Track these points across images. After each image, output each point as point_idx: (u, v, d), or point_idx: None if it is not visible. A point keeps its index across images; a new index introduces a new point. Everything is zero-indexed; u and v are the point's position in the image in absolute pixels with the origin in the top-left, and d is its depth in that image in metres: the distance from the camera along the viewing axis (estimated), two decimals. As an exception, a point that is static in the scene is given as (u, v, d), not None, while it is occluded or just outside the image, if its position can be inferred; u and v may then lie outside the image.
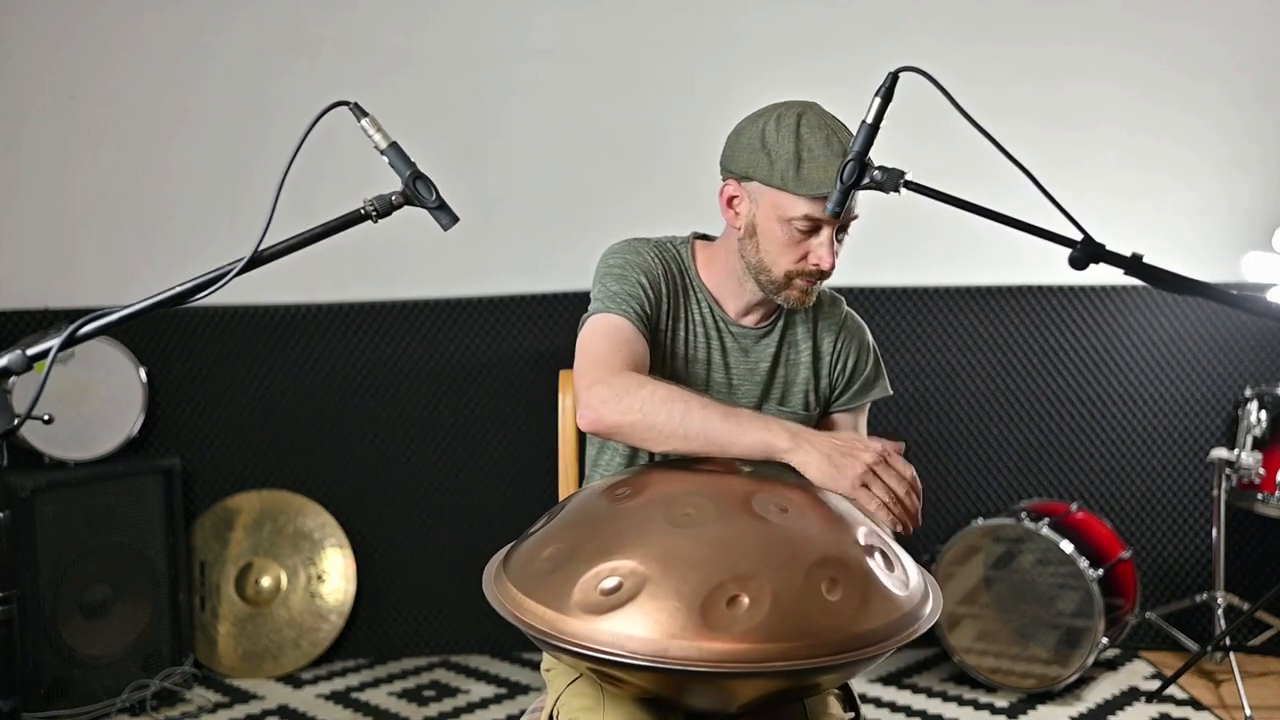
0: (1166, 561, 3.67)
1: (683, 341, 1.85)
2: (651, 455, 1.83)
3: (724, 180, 1.81)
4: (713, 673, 1.29)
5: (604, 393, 1.61)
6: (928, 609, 1.45)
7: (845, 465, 1.55)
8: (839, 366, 1.92)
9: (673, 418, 1.58)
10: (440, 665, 3.66)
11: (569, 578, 1.37)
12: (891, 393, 1.98)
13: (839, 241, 1.76)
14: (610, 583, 1.35)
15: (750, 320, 1.88)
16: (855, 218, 1.76)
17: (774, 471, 1.59)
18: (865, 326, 1.97)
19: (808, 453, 1.57)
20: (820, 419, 1.94)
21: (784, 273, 1.77)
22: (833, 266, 1.75)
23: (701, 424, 1.58)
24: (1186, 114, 3.61)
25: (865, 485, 1.55)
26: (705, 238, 1.92)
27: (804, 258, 1.75)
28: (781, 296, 1.80)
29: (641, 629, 1.30)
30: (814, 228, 1.73)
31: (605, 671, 1.38)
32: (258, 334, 3.65)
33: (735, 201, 1.80)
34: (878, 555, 1.45)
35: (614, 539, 1.41)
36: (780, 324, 1.89)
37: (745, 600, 1.31)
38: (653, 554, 1.36)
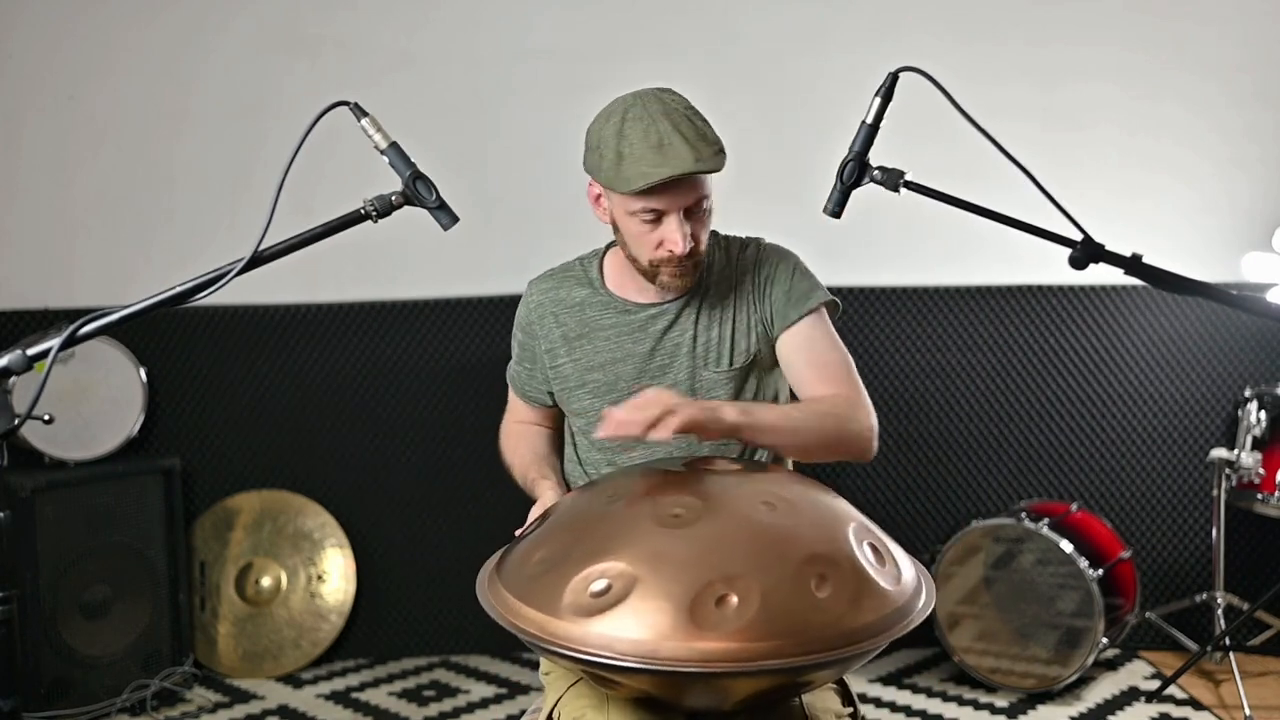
0: (1166, 561, 3.67)
1: (596, 351, 1.90)
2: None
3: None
4: (703, 672, 1.29)
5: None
6: (920, 603, 1.45)
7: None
8: (764, 296, 1.88)
9: (517, 477, 1.98)
10: (440, 665, 3.66)
11: (559, 581, 1.38)
12: (833, 298, 1.89)
13: (694, 220, 1.76)
14: (600, 585, 1.35)
15: (668, 298, 1.88)
16: (705, 195, 1.76)
17: (761, 469, 1.59)
18: (782, 249, 1.93)
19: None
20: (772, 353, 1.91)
21: (648, 260, 1.80)
22: (691, 248, 1.75)
23: (521, 483, 1.96)
24: (1186, 114, 3.61)
25: None
26: None
27: (660, 245, 1.77)
28: (658, 284, 1.83)
29: (632, 630, 1.30)
30: (657, 215, 1.74)
31: (598, 674, 1.38)
32: (258, 334, 3.65)
33: (600, 199, 1.84)
34: (868, 550, 1.45)
35: (603, 541, 1.41)
36: (697, 290, 1.88)
37: (734, 599, 1.31)
38: (642, 555, 1.37)
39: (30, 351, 1.43)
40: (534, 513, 1.74)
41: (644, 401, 1.59)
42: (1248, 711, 3.00)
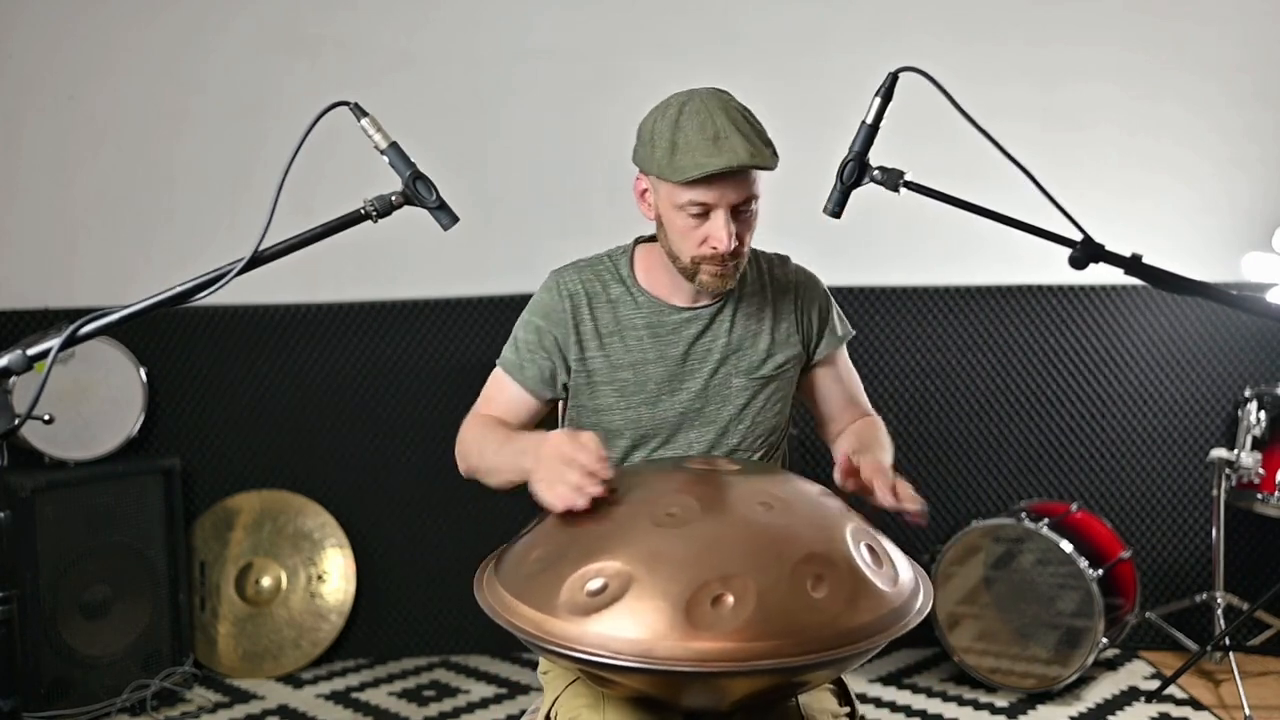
0: (1166, 561, 3.67)
1: (627, 350, 1.87)
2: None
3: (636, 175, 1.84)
4: (699, 672, 1.29)
5: (457, 450, 1.93)
6: (918, 604, 1.45)
7: (554, 488, 1.53)
8: (810, 323, 1.94)
9: (484, 458, 1.83)
10: (440, 665, 3.66)
11: (556, 579, 1.38)
12: (854, 332, 2.02)
13: (740, 220, 1.75)
14: (596, 584, 1.35)
15: (703, 301, 1.89)
16: (755, 196, 1.76)
17: (758, 469, 1.59)
18: (816, 276, 1.99)
19: (537, 477, 1.57)
20: (804, 374, 1.98)
21: (690, 258, 1.78)
22: (734, 247, 1.75)
23: (495, 459, 1.79)
24: (1186, 114, 3.61)
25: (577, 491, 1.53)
26: (653, 239, 1.92)
27: (704, 241, 1.76)
28: (697, 283, 1.81)
29: (628, 629, 1.30)
30: (704, 210, 1.74)
31: (594, 673, 1.38)
32: (258, 334, 3.65)
33: (646, 194, 1.83)
34: (865, 551, 1.45)
35: (600, 540, 1.41)
36: (732, 297, 1.90)
37: (730, 599, 1.31)
38: (638, 554, 1.37)
39: (30, 351, 1.43)
40: (560, 442, 1.58)
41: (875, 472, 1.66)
42: (1248, 711, 3.00)
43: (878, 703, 3.29)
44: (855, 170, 1.55)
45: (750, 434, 1.89)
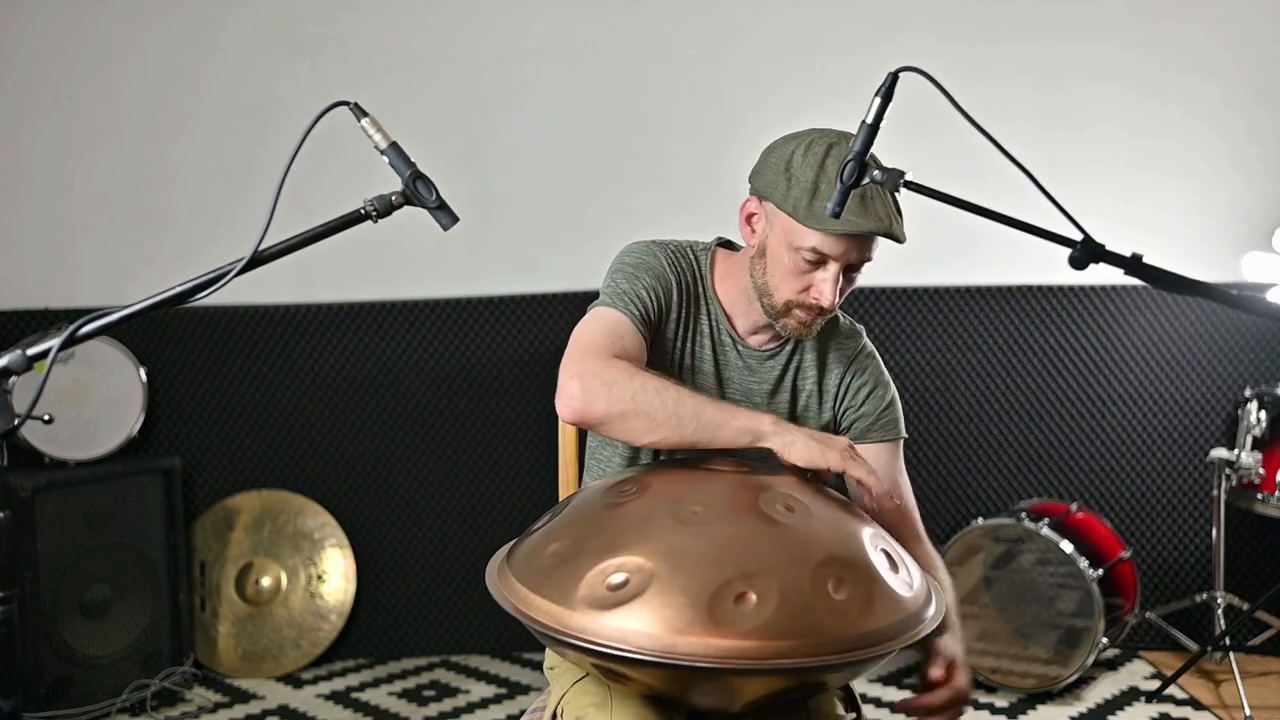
0: (1166, 561, 3.67)
1: (687, 351, 1.82)
2: (638, 452, 1.82)
3: (749, 195, 1.78)
4: (719, 669, 1.29)
5: (593, 383, 1.57)
6: (930, 611, 1.45)
7: (830, 443, 1.56)
8: (847, 398, 1.86)
9: (665, 405, 1.56)
10: (440, 665, 3.66)
11: (575, 573, 1.37)
12: (906, 435, 1.91)
13: (848, 280, 1.72)
14: (618, 578, 1.35)
15: (758, 340, 1.83)
16: (869, 260, 1.73)
17: (778, 470, 1.59)
18: (880, 362, 1.92)
19: (793, 435, 1.56)
20: None
21: (785, 300, 1.73)
22: (833, 305, 1.71)
23: (693, 410, 1.56)
24: (1186, 114, 3.61)
25: (852, 459, 1.57)
26: (730, 245, 1.88)
27: (807, 289, 1.71)
28: (780, 324, 1.76)
29: (648, 624, 1.30)
30: (821, 260, 1.69)
31: (610, 668, 1.38)
32: (258, 334, 3.65)
33: (754, 219, 1.76)
34: (883, 556, 1.45)
35: (620, 535, 1.41)
36: (790, 349, 1.85)
37: (753, 598, 1.31)
38: (660, 550, 1.36)
39: (30, 351, 1.43)
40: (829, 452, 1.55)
41: (960, 687, 1.60)
42: (1248, 711, 3.00)
43: (878, 703, 3.29)
44: (855, 170, 1.55)
45: None
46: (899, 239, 1.70)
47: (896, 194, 1.60)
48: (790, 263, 1.70)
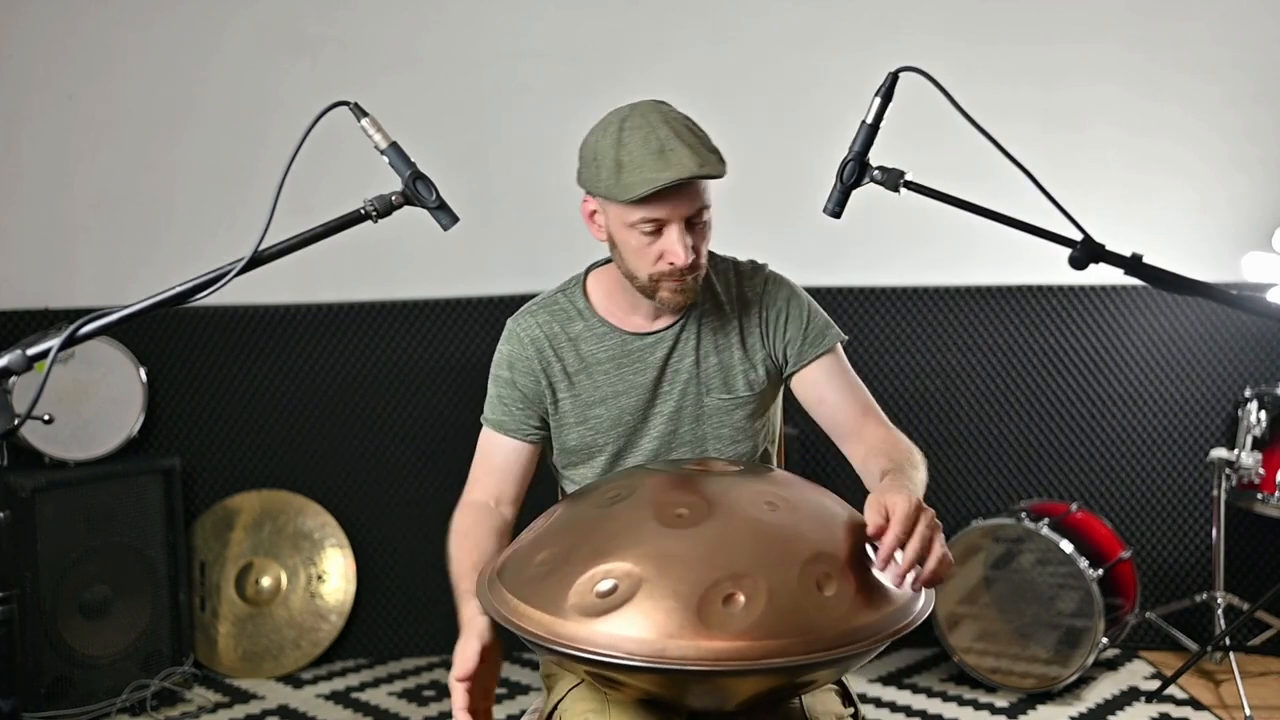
0: (1166, 561, 3.67)
1: (596, 386, 1.83)
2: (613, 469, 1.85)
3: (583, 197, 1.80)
4: (712, 671, 1.29)
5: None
6: (920, 603, 1.45)
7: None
8: (772, 334, 1.85)
9: (450, 567, 1.75)
10: (440, 665, 3.66)
11: (564, 581, 1.38)
12: (845, 337, 1.88)
13: (694, 232, 1.72)
14: (606, 585, 1.35)
15: (662, 323, 1.84)
16: (706, 206, 1.72)
17: (760, 470, 1.60)
18: (790, 281, 1.89)
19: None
20: (784, 386, 1.89)
21: (647, 276, 1.74)
22: (693, 260, 1.71)
23: (454, 578, 1.73)
24: (1186, 114, 3.61)
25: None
26: (607, 262, 1.88)
27: (660, 258, 1.72)
28: (657, 300, 1.77)
29: (639, 630, 1.30)
30: (657, 226, 1.69)
31: (603, 674, 1.38)
32: (258, 334, 3.65)
33: (595, 215, 1.79)
34: (869, 550, 1.46)
35: (607, 541, 1.41)
36: (695, 314, 1.84)
37: (741, 598, 1.32)
38: (647, 555, 1.37)
39: (30, 351, 1.43)
40: (458, 650, 1.58)
41: (901, 531, 1.42)
42: (1248, 711, 3.00)
43: (878, 703, 3.29)
44: (855, 170, 1.55)
45: (733, 454, 1.84)
46: (716, 175, 1.68)
47: (701, 132, 1.68)
48: (634, 241, 1.72)
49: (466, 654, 1.56)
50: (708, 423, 1.84)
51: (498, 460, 1.89)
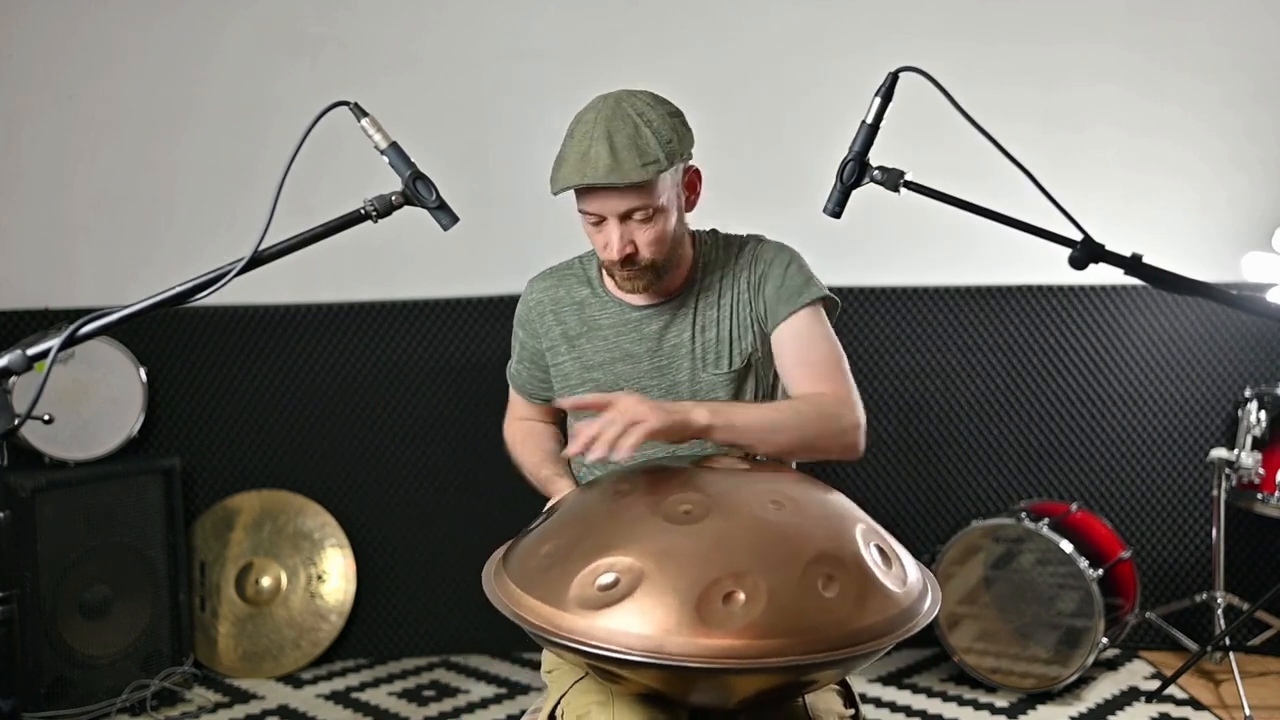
0: (1166, 561, 3.67)
1: (595, 350, 1.90)
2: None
3: None
4: (709, 668, 1.29)
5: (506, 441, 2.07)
6: (925, 605, 1.45)
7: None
8: (756, 300, 1.87)
9: (521, 467, 2.01)
10: (440, 665, 3.66)
11: (566, 574, 1.38)
12: (829, 295, 1.87)
13: (636, 226, 1.75)
14: (607, 579, 1.35)
15: (659, 298, 1.89)
16: (647, 205, 1.73)
17: (768, 468, 1.59)
18: (780, 244, 1.91)
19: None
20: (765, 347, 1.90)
21: (605, 263, 1.83)
22: (630, 255, 1.76)
23: (528, 473, 1.98)
24: (1186, 114, 3.61)
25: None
26: None
27: (605, 248, 1.79)
28: (617, 282, 1.86)
29: (638, 625, 1.30)
30: (598, 219, 1.76)
31: (603, 667, 1.38)
32: (258, 334, 3.65)
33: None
34: (875, 552, 1.45)
35: (611, 535, 1.41)
36: (692, 290, 1.89)
37: (741, 596, 1.32)
38: (649, 550, 1.37)
39: (30, 351, 1.43)
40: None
41: (612, 416, 1.58)
42: (1248, 711, 3.00)
43: (878, 703, 3.29)
44: (855, 170, 1.55)
45: None
46: (629, 182, 1.70)
47: (644, 135, 1.70)
48: (587, 228, 1.81)
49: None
50: (705, 398, 1.86)
51: (521, 410, 2.09)
